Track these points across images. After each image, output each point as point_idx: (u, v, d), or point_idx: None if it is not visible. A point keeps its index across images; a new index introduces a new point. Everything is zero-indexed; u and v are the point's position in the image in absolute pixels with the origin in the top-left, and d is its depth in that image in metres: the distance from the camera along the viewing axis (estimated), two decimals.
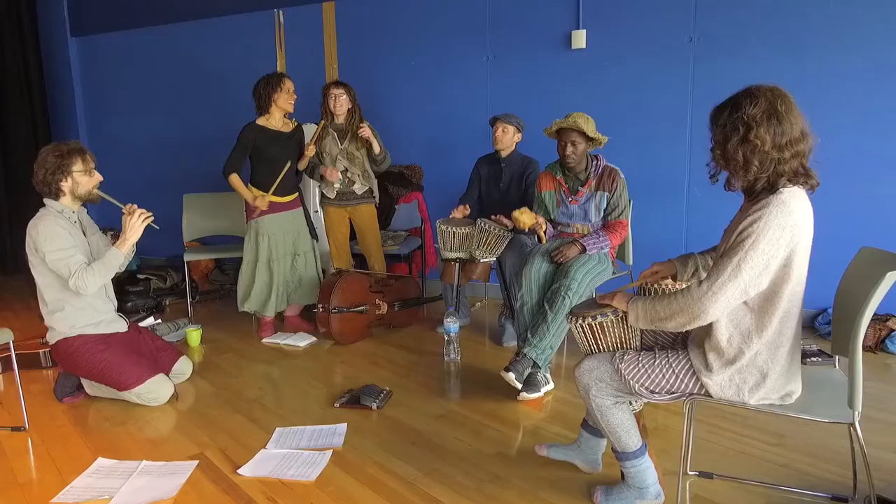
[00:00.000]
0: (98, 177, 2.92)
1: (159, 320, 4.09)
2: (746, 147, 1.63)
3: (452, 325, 3.40)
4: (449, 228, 3.55)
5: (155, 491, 2.19)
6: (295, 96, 3.79)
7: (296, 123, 3.91)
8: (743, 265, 1.60)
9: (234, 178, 3.77)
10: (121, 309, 4.52)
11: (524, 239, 3.75)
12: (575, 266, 3.03)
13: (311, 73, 4.94)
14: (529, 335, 2.95)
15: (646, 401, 1.87)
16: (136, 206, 2.89)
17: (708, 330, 1.75)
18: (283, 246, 3.87)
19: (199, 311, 4.67)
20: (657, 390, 1.82)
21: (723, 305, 1.63)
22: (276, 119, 3.78)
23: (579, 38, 4.13)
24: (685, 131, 3.97)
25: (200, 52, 5.52)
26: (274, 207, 3.82)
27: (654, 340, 2.02)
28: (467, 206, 3.75)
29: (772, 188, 1.65)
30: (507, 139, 3.78)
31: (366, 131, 3.84)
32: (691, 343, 1.85)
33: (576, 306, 2.06)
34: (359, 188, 3.99)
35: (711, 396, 1.76)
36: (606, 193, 3.21)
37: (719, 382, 1.73)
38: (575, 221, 3.30)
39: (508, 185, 3.87)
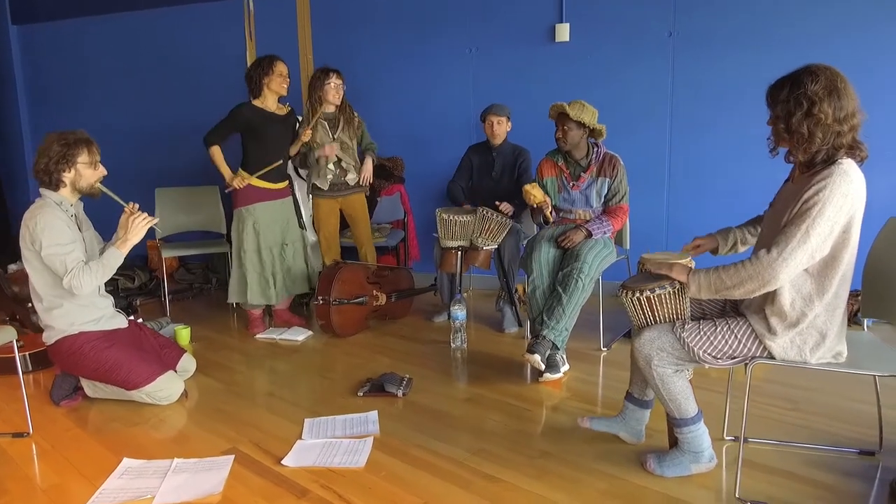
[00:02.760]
0: (102, 170, 2.78)
1: (140, 320, 3.88)
2: (811, 121, 1.74)
3: (460, 312, 3.41)
4: (450, 217, 3.56)
5: (199, 487, 2.10)
6: (288, 80, 3.70)
7: (289, 108, 3.82)
8: (811, 231, 1.71)
9: (216, 151, 3.68)
10: None
11: (518, 227, 3.81)
12: (584, 250, 3.11)
13: None
14: (545, 318, 3.00)
15: (708, 366, 1.95)
16: (138, 205, 2.76)
17: (769, 296, 1.84)
18: (272, 234, 3.77)
19: (174, 310, 4.46)
20: (719, 356, 1.91)
21: (792, 270, 1.73)
22: (269, 102, 3.69)
23: (563, 32, 4.23)
24: (665, 123, 4.14)
25: (162, 41, 5.28)
26: (264, 195, 3.72)
27: (702, 311, 2.12)
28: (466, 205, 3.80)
29: (830, 160, 1.76)
30: (503, 130, 3.84)
31: (365, 176, 3.96)
32: (747, 310, 1.95)
33: (627, 281, 2.12)
34: (352, 178, 3.94)
35: (774, 358, 1.86)
36: (608, 179, 3.31)
37: (782, 345, 1.84)
38: (577, 207, 3.37)
39: (501, 174, 3.92)
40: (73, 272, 2.54)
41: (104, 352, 2.69)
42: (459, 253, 3.60)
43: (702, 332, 1.92)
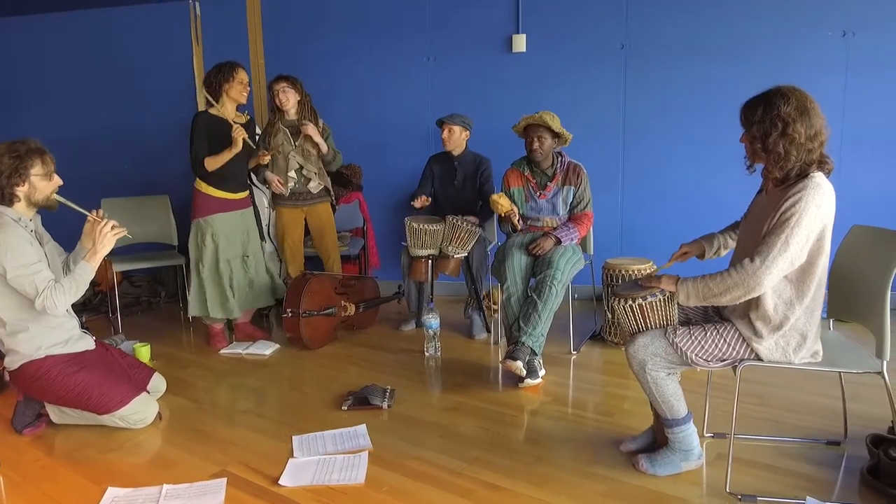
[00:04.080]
0: (58, 180, 2.62)
1: (94, 338, 3.70)
2: (786, 140, 1.87)
3: (434, 320, 3.43)
4: (420, 226, 3.58)
5: None
6: (248, 88, 3.61)
7: (248, 116, 3.73)
8: (790, 240, 1.84)
9: (211, 161, 3.48)
10: None
11: (483, 234, 3.87)
12: (556, 256, 3.20)
13: None
14: (522, 324, 3.07)
15: (699, 369, 2.06)
16: (102, 211, 2.64)
17: (753, 301, 1.97)
18: (232, 246, 3.66)
19: (123, 327, 4.27)
20: (710, 359, 2.02)
21: (775, 277, 1.86)
22: (228, 110, 3.58)
23: (520, 42, 4.33)
24: (619, 131, 4.31)
25: (103, 42, 5.04)
26: (224, 206, 3.62)
27: (686, 317, 2.23)
28: (427, 198, 3.80)
29: (803, 174, 1.90)
30: (455, 139, 3.87)
31: (308, 128, 3.72)
32: (732, 314, 2.07)
33: (618, 288, 2.21)
34: (314, 186, 3.88)
35: (761, 360, 1.99)
36: (573, 188, 3.42)
37: (768, 346, 1.97)
38: (544, 215, 3.46)
39: (463, 182, 3.96)
40: (44, 293, 2.40)
41: (73, 376, 2.55)
42: (430, 261, 3.63)
43: (693, 337, 2.03)
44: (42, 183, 2.55)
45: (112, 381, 2.62)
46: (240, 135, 3.42)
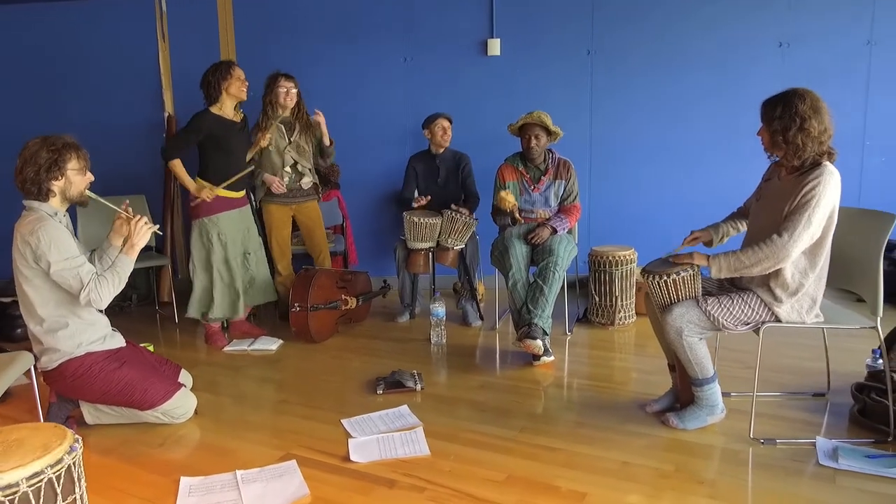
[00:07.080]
0: (90, 176, 2.60)
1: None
2: (803, 134, 2.21)
3: (440, 309, 3.60)
4: (420, 219, 3.74)
5: (284, 492, 2.12)
6: (247, 83, 3.64)
7: (243, 114, 3.74)
8: (812, 217, 2.18)
9: (178, 164, 3.54)
10: (11, 336, 3.89)
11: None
12: (555, 245, 3.46)
13: (202, 69, 4.64)
14: (531, 307, 3.30)
15: (728, 332, 2.38)
16: (131, 208, 2.65)
17: (773, 272, 2.30)
18: (235, 245, 3.68)
19: None
20: (738, 323, 2.34)
21: (799, 249, 2.20)
22: (228, 108, 3.60)
23: (494, 46, 4.57)
24: (586, 132, 4.64)
25: (64, 38, 4.83)
26: (225, 204, 3.63)
27: (706, 289, 2.55)
28: (428, 197, 3.97)
29: (815, 163, 2.26)
30: (450, 136, 4.09)
31: (320, 116, 3.85)
32: (751, 284, 2.40)
33: (649, 265, 2.49)
34: (307, 182, 3.95)
35: (781, 321, 2.33)
36: (563, 182, 3.70)
37: (786, 310, 2.31)
38: (537, 208, 3.72)
39: (446, 179, 4.16)
40: (90, 286, 2.37)
41: (115, 372, 2.53)
42: (430, 254, 3.79)
43: (721, 306, 2.34)
44: (77, 178, 2.53)
45: (154, 376, 2.62)
46: (207, 195, 3.55)
